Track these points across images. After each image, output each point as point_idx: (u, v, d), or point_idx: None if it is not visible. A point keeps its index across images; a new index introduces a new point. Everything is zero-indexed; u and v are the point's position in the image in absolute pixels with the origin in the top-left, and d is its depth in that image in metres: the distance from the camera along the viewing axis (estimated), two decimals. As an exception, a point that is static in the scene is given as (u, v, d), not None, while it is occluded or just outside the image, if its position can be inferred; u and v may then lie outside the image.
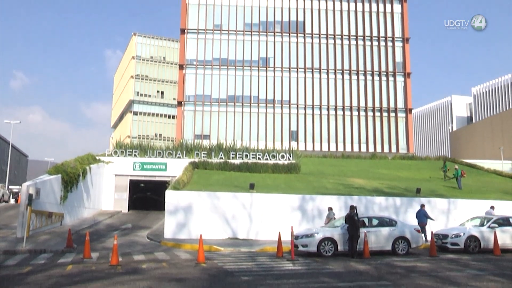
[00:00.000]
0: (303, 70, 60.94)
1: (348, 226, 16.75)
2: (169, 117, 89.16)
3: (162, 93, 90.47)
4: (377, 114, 60.77)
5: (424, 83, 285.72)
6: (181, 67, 60.85)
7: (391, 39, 62.61)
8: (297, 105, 60.00)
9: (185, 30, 61.35)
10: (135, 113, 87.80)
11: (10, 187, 54.18)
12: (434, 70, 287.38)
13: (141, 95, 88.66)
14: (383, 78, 61.52)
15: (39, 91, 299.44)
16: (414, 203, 24.12)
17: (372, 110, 60.66)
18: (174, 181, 26.52)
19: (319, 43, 61.99)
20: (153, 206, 41.02)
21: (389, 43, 62.51)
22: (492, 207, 22.68)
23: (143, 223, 29.51)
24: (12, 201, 44.03)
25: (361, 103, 60.68)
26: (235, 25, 62.01)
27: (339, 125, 60.16)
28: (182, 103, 59.69)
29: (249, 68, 60.78)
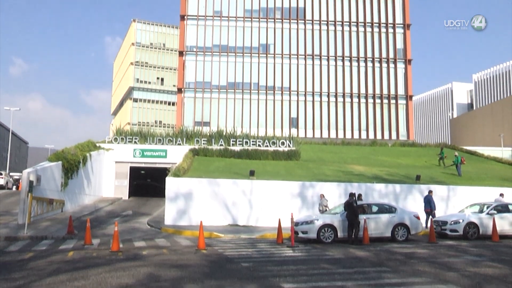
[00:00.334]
0: (303, 56, 60.68)
1: (347, 213, 16.83)
2: (169, 104, 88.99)
3: (162, 80, 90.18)
4: (377, 101, 60.65)
5: (425, 69, 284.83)
6: (181, 53, 60.58)
7: (392, 25, 62.22)
8: (297, 92, 59.86)
9: (185, 17, 60.95)
10: (135, 100, 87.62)
11: (10, 174, 54.24)
12: (435, 57, 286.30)
13: (141, 82, 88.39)
14: (384, 65, 61.28)
15: (38, 78, 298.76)
16: (414, 190, 24.20)
17: (373, 96, 60.52)
18: (174, 168, 26.56)
19: (319, 29, 61.64)
20: (154, 193, 41.17)
21: (390, 30, 62.14)
22: (502, 195, 22.66)
23: (144, 210, 29.64)
24: (13, 188, 44.13)
25: (361, 90, 60.52)
26: (235, 12, 61.60)
27: (339, 112, 60.07)
28: (182, 90, 59.55)
29: (249, 54, 60.52)
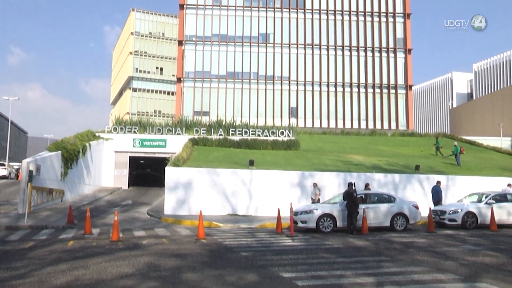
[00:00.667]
0: (303, 46, 60.43)
1: (347, 202, 16.87)
2: (168, 93, 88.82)
3: (161, 69, 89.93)
4: (377, 90, 60.52)
5: (425, 59, 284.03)
6: (180, 43, 60.32)
7: (392, 14, 61.91)
8: (297, 82, 59.70)
9: (184, 6, 60.56)
10: (134, 90, 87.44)
11: (10, 163, 54.24)
12: (435, 46, 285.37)
13: (140, 71, 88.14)
14: (384, 54, 61.05)
15: (37, 68, 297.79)
16: (413, 179, 24.28)
17: (372, 86, 60.38)
18: (173, 158, 26.58)
19: (319, 19, 61.33)
20: (153, 183, 41.23)
21: (390, 19, 61.83)
22: (510, 185, 22.77)
23: (143, 200, 29.71)
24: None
25: (361, 80, 60.36)
26: (234, 0, 61.22)
27: (339, 102, 59.97)
28: (182, 79, 59.38)
29: (249, 44, 60.26)
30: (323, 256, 11.46)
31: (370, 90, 60.43)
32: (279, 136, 37.40)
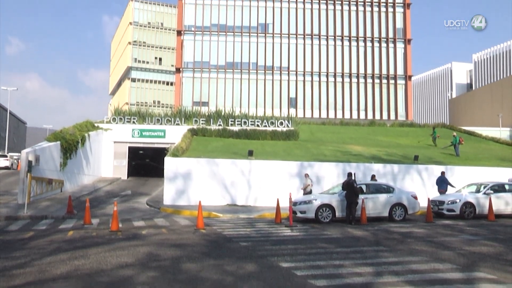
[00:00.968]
0: (302, 36, 60.23)
1: (346, 192, 16.90)
2: (167, 84, 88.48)
3: (160, 59, 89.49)
4: (376, 81, 60.45)
5: (425, 49, 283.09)
6: (179, 33, 60.11)
7: (391, 4, 61.66)
8: (296, 72, 59.58)
9: (183, -5, 60.28)
10: (133, 80, 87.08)
11: (10, 154, 54.26)
12: (434, 37, 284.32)
13: (139, 61, 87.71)
14: (383, 45, 60.90)
15: (35, 58, 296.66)
16: (412, 170, 24.29)
17: (372, 77, 60.29)
18: (173, 148, 26.56)
19: (318, 8, 61.06)
20: (152, 173, 41.27)
21: (390, 9, 61.59)
22: None
23: (143, 190, 29.74)
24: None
25: (360, 70, 60.26)
26: (233, -10, 60.93)
27: (338, 92, 59.90)
28: (181, 69, 59.24)
29: (248, 34, 60.04)
30: (322, 246, 11.52)
31: (369, 81, 60.34)
32: (278, 126, 37.38)
